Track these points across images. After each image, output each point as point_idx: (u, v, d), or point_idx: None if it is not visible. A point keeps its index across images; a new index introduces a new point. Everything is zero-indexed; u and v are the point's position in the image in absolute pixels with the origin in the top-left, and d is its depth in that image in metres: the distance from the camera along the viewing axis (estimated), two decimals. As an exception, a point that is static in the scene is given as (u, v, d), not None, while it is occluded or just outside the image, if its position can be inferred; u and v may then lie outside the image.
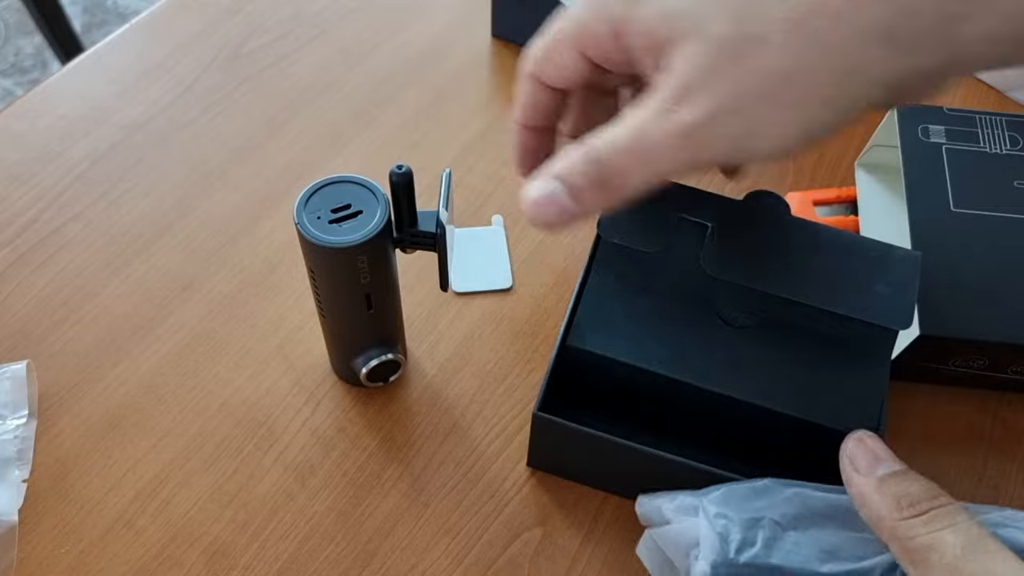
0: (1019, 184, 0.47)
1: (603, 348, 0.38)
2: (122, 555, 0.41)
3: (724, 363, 0.38)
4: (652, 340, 0.38)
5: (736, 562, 0.32)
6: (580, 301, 0.40)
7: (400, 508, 0.43)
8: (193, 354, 0.47)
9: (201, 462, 0.44)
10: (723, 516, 0.33)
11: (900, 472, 0.32)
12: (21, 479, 0.42)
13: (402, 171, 0.35)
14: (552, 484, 0.44)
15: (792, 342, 0.38)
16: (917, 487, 0.31)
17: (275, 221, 0.53)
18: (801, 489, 0.34)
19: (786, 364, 0.38)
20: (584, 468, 0.43)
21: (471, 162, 0.56)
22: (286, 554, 0.41)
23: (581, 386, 0.40)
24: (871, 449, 0.33)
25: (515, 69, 0.36)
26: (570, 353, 0.39)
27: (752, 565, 0.32)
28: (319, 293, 0.39)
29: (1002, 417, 0.47)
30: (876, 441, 0.33)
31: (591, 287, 0.40)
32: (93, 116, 0.57)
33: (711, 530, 0.32)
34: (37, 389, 0.45)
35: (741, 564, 0.32)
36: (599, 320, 0.39)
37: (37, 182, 0.54)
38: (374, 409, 0.46)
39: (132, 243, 0.51)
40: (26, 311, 0.48)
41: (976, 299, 0.43)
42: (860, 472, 0.32)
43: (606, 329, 0.39)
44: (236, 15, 0.64)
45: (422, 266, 0.51)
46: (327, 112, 0.58)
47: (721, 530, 0.32)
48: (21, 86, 1.66)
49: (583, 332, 0.39)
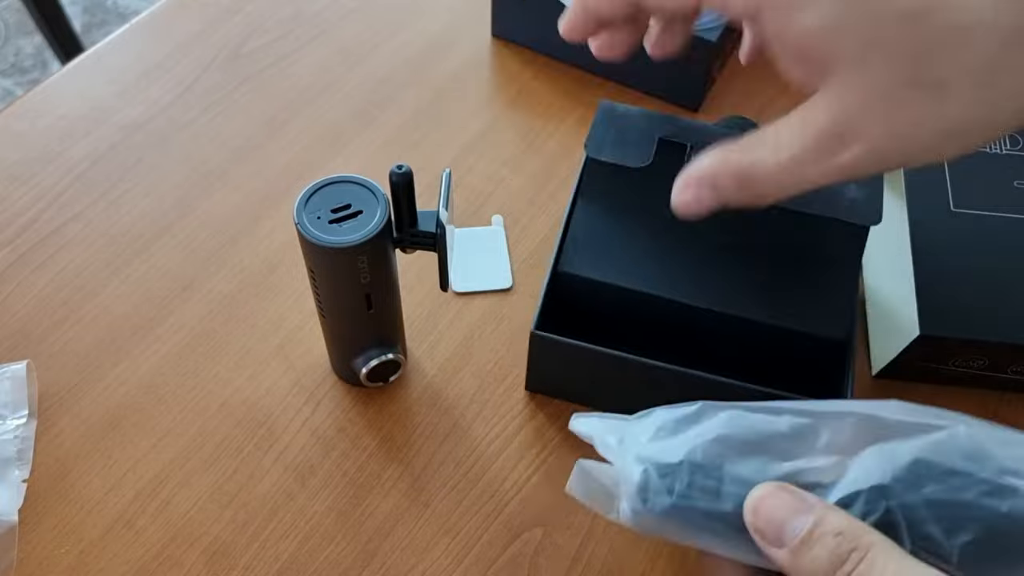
0: (1019, 184, 0.47)
1: (592, 272, 0.41)
2: (122, 555, 0.41)
3: (706, 280, 0.40)
4: (638, 262, 0.41)
5: (652, 511, 0.29)
6: (568, 228, 0.42)
7: (400, 508, 0.43)
8: (193, 354, 0.47)
9: (201, 462, 0.44)
10: (643, 461, 0.30)
11: (805, 536, 0.27)
12: (21, 479, 0.42)
13: (402, 171, 0.35)
14: (552, 484, 0.44)
15: (769, 256, 0.41)
16: (825, 552, 0.26)
17: (275, 221, 0.53)
18: (735, 412, 0.30)
19: (764, 279, 0.41)
20: (580, 388, 0.45)
21: (471, 162, 0.56)
22: (286, 554, 0.41)
23: (574, 315, 0.42)
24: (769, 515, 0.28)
25: (515, 69, 0.36)
26: (562, 279, 0.41)
27: (674, 509, 0.29)
28: (319, 293, 0.39)
29: (1002, 417, 0.47)
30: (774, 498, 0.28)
31: (578, 213, 0.43)
32: (93, 116, 0.57)
33: (630, 477, 0.30)
34: (37, 389, 0.45)
35: (658, 513, 0.29)
36: (587, 245, 0.42)
37: (37, 182, 0.54)
38: (374, 409, 0.46)
39: (132, 243, 0.51)
40: (26, 311, 0.48)
41: (976, 299, 0.43)
42: (772, 545, 0.28)
43: (594, 254, 0.41)
44: (236, 15, 0.64)
45: (422, 266, 0.51)
46: (327, 112, 0.58)
47: (640, 479, 0.30)
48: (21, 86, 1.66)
49: (572, 258, 0.41)
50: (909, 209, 0.45)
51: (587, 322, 0.41)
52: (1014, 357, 0.43)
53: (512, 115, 0.59)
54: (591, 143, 0.43)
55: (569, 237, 0.42)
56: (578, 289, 0.41)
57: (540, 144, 0.57)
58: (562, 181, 0.55)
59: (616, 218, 0.42)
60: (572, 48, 0.61)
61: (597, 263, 0.41)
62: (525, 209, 0.54)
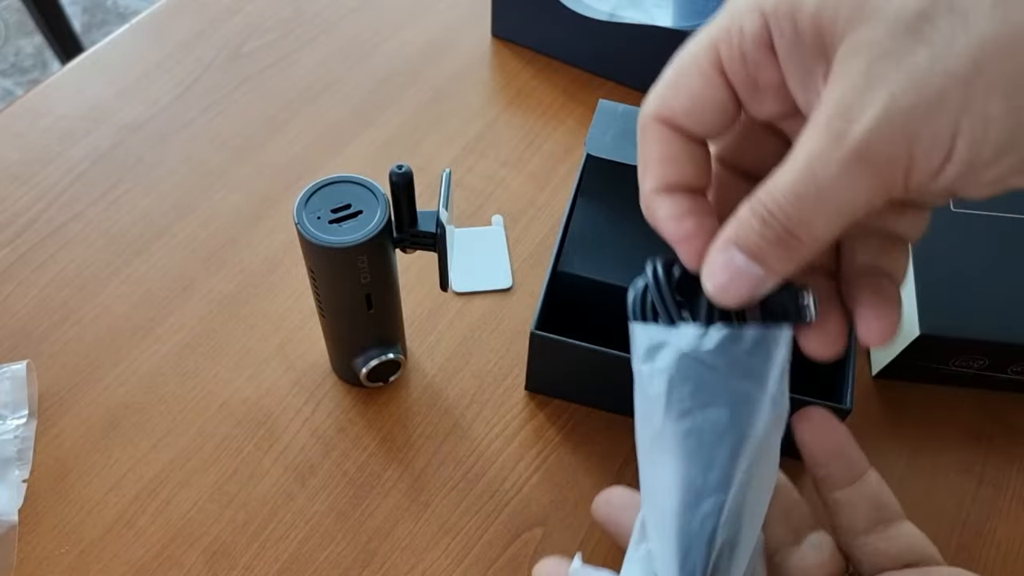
0: (1019, 184, 0.47)
1: (592, 272, 0.41)
2: (122, 555, 0.41)
3: None
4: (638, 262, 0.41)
5: None
6: (568, 228, 0.43)
7: (400, 508, 0.43)
8: (193, 354, 0.47)
9: (201, 462, 0.44)
10: None
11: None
12: (21, 479, 0.42)
13: (402, 171, 0.35)
14: (552, 484, 0.44)
15: None
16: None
17: (275, 221, 0.53)
18: None
19: None
20: (580, 388, 0.45)
21: (471, 162, 0.56)
22: (286, 554, 0.41)
23: (574, 315, 0.42)
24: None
25: (515, 69, 0.36)
26: (562, 279, 0.41)
27: None
28: (319, 293, 0.39)
29: (1002, 417, 0.47)
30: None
31: (578, 212, 0.43)
32: (93, 116, 0.57)
33: None
34: (37, 389, 0.45)
35: None
36: (587, 245, 0.42)
37: (37, 182, 0.54)
38: (374, 409, 0.46)
39: (132, 243, 0.51)
40: (26, 311, 0.48)
41: (976, 299, 0.43)
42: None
43: (594, 254, 0.42)
44: (236, 15, 0.64)
45: (422, 266, 0.51)
46: (327, 112, 0.58)
47: None
48: (21, 86, 1.66)
49: (572, 258, 0.42)
50: (909, 209, 0.45)
51: (587, 322, 0.41)
52: (1014, 357, 0.43)
53: (512, 115, 0.59)
54: (591, 141, 0.43)
55: (569, 237, 0.42)
56: (578, 289, 0.41)
57: (540, 144, 0.57)
58: (562, 181, 0.55)
59: (616, 218, 0.43)
60: (572, 48, 0.61)
61: (597, 263, 0.41)
62: (525, 209, 0.54)
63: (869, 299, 0.26)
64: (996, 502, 0.44)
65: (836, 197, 0.22)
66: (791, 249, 0.23)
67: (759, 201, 0.23)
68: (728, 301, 0.24)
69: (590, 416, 0.46)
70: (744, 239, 0.23)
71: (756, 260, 0.23)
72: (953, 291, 0.43)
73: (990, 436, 0.46)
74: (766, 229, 0.23)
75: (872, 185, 0.22)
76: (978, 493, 0.44)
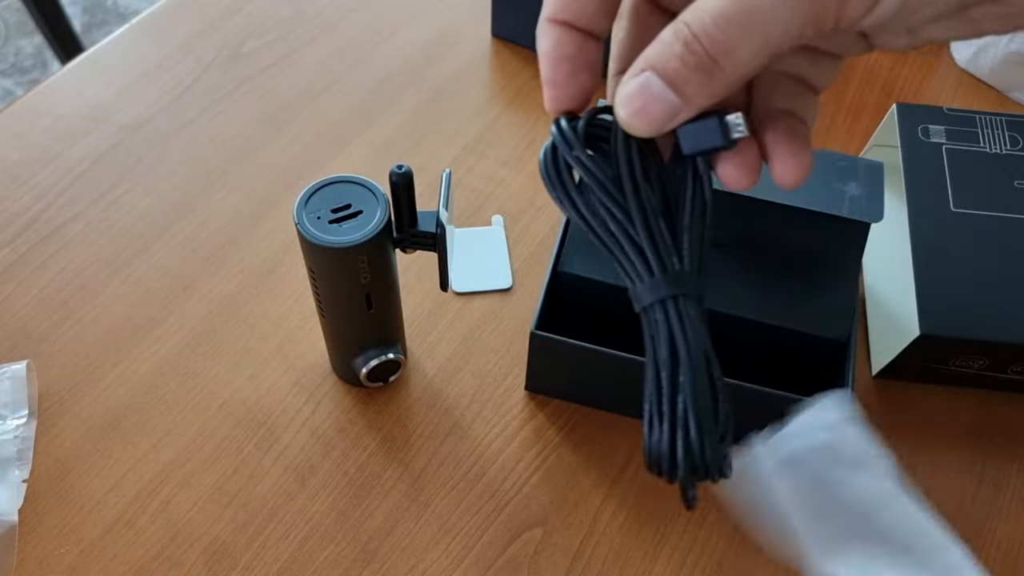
0: (1019, 184, 0.47)
1: (592, 272, 0.41)
2: (122, 555, 0.41)
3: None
4: None
5: None
6: (568, 228, 0.42)
7: (400, 508, 0.43)
8: (193, 354, 0.47)
9: (201, 462, 0.44)
10: None
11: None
12: (21, 479, 0.42)
13: (402, 171, 0.35)
14: (552, 484, 0.44)
15: (769, 255, 0.41)
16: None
17: (275, 221, 0.53)
18: None
19: (764, 278, 0.41)
20: (580, 388, 0.45)
21: (471, 162, 0.56)
22: (286, 554, 0.41)
23: (574, 315, 0.42)
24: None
25: (515, 69, 0.36)
26: (562, 279, 0.41)
27: None
28: (319, 293, 0.39)
29: (1002, 417, 0.47)
30: None
31: None
32: (93, 116, 0.57)
33: None
34: (37, 389, 0.45)
35: None
36: (587, 246, 0.42)
37: (37, 182, 0.54)
38: (374, 409, 0.46)
39: (132, 243, 0.51)
40: (26, 311, 0.48)
41: (976, 299, 0.43)
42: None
43: (594, 254, 0.41)
44: (236, 15, 0.64)
45: (422, 266, 0.51)
46: (327, 112, 0.58)
47: None
48: (21, 86, 1.66)
49: (572, 258, 0.42)
50: (909, 209, 0.45)
51: (587, 322, 0.41)
52: (1014, 357, 0.43)
53: (512, 115, 0.59)
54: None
55: (569, 237, 0.42)
56: (578, 289, 0.41)
57: (540, 144, 0.57)
58: (562, 181, 0.55)
59: None
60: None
61: (597, 263, 0.41)
62: (525, 209, 0.54)
63: (784, 138, 0.26)
64: (996, 502, 0.44)
65: (766, 23, 0.21)
66: (711, 76, 0.22)
67: (683, 23, 0.22)
68: (640, 129, 0.24)
69: (590, 416, 0.46)
70: (663, 64, 0.23)
71: (673, 87, 0.23)
72: (953, 291, 0.43)
73: (990, 436, 0.46)
74: (688, 53, 0.22)
75: (805, 13, 0.21)
76: (978, 493, 0.44)
